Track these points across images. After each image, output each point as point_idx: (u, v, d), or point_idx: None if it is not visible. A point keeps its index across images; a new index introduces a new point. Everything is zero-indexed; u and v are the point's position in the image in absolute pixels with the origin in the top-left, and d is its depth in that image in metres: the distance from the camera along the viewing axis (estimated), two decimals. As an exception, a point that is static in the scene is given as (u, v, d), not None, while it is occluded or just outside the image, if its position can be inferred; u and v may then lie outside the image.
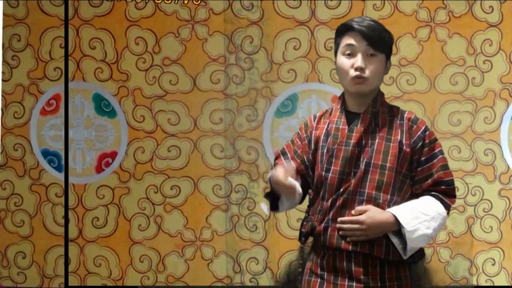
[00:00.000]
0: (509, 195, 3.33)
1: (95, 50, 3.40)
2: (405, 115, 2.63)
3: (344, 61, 2.57)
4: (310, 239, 2.65)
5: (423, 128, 2.60)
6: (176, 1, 3.39)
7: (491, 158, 3.34)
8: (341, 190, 2.54)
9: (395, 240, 2.51)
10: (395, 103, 3.34)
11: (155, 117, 3.40)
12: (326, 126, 2.63)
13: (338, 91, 3.35)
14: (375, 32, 2.55)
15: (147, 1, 3.40)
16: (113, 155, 3.42)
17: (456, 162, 3.34)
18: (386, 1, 3.37)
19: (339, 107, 2.64)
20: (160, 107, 3.40)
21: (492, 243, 3.32)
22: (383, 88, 3.37)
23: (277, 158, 2.71)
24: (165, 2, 3.40)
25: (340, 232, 2.51)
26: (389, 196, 2.52)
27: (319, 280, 2.57)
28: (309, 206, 2.68)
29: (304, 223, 2.65)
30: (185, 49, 3.40)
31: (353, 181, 2.53)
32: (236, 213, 3.36)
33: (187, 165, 3.39)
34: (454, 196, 2.64)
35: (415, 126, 2.59)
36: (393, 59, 3.34)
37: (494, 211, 3.32)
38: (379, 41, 2.56)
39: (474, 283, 3.31)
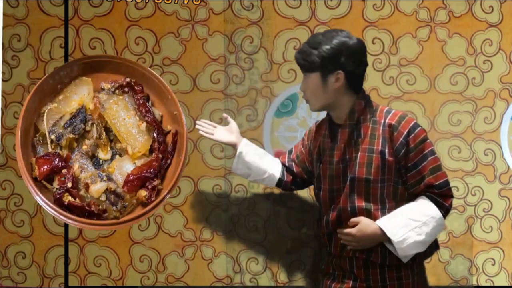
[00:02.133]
0: (509, 195, 3.33)
1: (95, 50, 3.40)
2: (387, 121, 2.59)
3: None
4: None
5: (405, 132, 2.56)
6: (176, 1, 3.39)
7: (491, 158, 3.34)
8: (333, 206, 2.65)
9: (391, 247, 2.56)
10: (395, 103, 3.35)
11: (155, 117, 3.39)
12: (318, 138, 2.76)
13: (338, 91, 3.35)
14: (301, 55, 2.62)
15: (147, 1, 3.40)
16: (113, 155, 3.41)
17: (456, 162, 3.34)
18: (386, 1, 3.37)
19: (327, 119, 2.76)
20: (160, 107, 3.40)
21: (492, 243, 3.32)
22: (383, 88, 3.38)
23: (281, 157, 2.97)
24: (165, 2, 3.39)
25: (341, 241, 2.65)
26: (379, 205, 2.57)
27: (331, 278, 2.74)
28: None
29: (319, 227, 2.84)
30: (185, 49, 3.40)
31: (342, 197, 2.61)
32: (236, 213, 3.36)
33: (187, 165, 3.39)
34: (451, 196, 2.64)
35: (395, 133, 2.56)
36: (393, 59, 3.35)
37: (494, 211, 3.32)
38: (304, 63, 2.62)
39: (474, 283, 3.31)
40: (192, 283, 3.38)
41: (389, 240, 2.55)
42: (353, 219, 2.59)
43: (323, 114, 2.92)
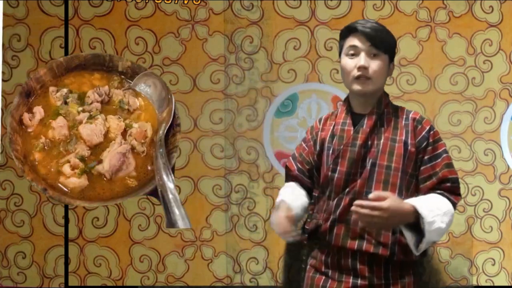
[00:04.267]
0: (509, 195, 3.33)
1: (95, 50, 3.40)
2: (410, 115, 2.65)
3: (347, 61, 2.60)
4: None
5: (428, 128, 2.62)
6: (176, 1, 3.39)
7: (491, 158, 3.34)
8: (347, 190, 2.56)
9: (408, 235, 2.48)
10: (395, 103, 3.34)
11: (155, 117, 3.40)
12: (331, 127, 2.67)
13: (338, 91, 3.35)
14: (378, 33, 2.58)
15: (147, 1, 3.40)
16: (113, 155, 3.41)
17: (456, 162, 3.33)
18: (386, 1, 3.37)
19: (345, 108, 2.68)
20: (160, 107, 3.40)
21: (492, 243, 3.32)
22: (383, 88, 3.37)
23: (288, 164, 2.81)
24: (165, 2, 3.39)
25: (354, 216, 2.43)
26: (397, 195, 2.52)
27: (323, 277, 2.62)
28: (313, 204, 2.71)
29: (308, 220, 2.68)
30: (185, 49, 3.40)
31: (359, 181, 2.55)
32: (236, 213, 3.36)
33: (187, 165, 3.39)
34: (459, 194, 2.64)
35: (420, 126, 2.61)
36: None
37: (494, 211, 3.32)
38: (381, 41, 2.58)
39: (474, 283, 3.31)
40: (192, 283, 3.38)
41: (415, 223, 2.45)
42: (380, 192, 2.42)
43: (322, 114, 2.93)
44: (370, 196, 2.39)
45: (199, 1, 3.39)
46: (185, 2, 3.39)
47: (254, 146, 3.38)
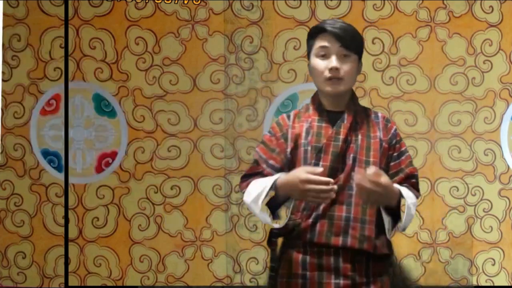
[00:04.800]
0: (509, 195, 3.33)
1: (95, 50, 3.40)
2: (379, 115, 2.69)
3: (318, 62, 2.60)
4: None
5: (394, 126, 2.68)
6: (176, 1, 3.39)
7: (491, 158, 3.34)
8: None
9: (387, 219, 2.53)
10: (395, 103, 3.35)
11: (155, 117, 3.40)
12: (305, 124, 2.63)
13: (338, 91, 3.35)
14: (348, 34, 2.58)
15: (147, 1, 3.40)
16: (113, 155, 3.42)
17: (456, 162, 3.34)
18: (386, 1, 3.37)
19: (316, 106, 2.66)
20: (160, 107, 3.40)
21: (492, 243, 3.32)
22: (383, 88, 3.38)
23: (255, 162, 2.64)
24: (165, 2, 3.39)
25: (355, 190, 2.45)
26: None
27: (300, 280, 2.53)
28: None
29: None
30: (185, 49, 3.40)
31: (342, 175, 2.54)
32: (236, 213, 3.36)
33: (187, 165, 3.39)
34: (419, 190, 2.70)
35: (389, 125, 2.66)
36: (393, 59, 3.35)
37: (494, 211, 3.32)
38: (351, 42, 2.58)
39: (474, 283, 3.31)
40: (192, 283, 3.38)
41: (389, 209, 2.52)
42: (377, 169, 2.45)
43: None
44: (369, 171, 2.42)
45: (199, 1, 3.39)
46: (185, 2, 3.39)
47: (254, 146, 3.37)
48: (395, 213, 2.55)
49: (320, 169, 2.46)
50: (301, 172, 2.44)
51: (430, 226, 3.34)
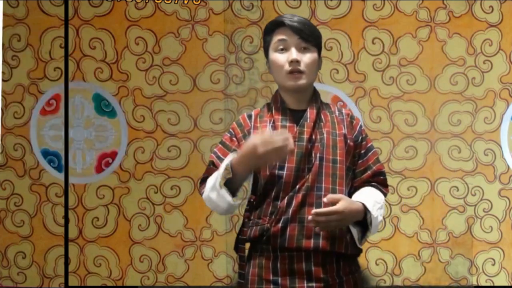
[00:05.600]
0: (509, 195, 3.33)
1: (95, 50, 3.40)
2: (344, 111, 2.63)
3: (277, 56, 2.53)
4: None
5: (360, 123, 2.63)
6: (176, 1, 3.39)
7: (491, 158, 3.34)
8: (298, 186, 2.47)
9: (355, 231, 2.49)
10: (395, 103, 3.35)
11: (155, 117, 3.40)
12: (268, 124, 2.56)
13: (338, 91, 3.35)
14: (306, 26, 2.53)
15: (147, 1, 3.40)
16: (113, 155, 3.42)
17: (456, 162, 3.34)
18: (386, 1, 3.37)
19: (278, 105, 2.58)
20: (160, 107, 3.40)
21: (492, 243, 3.32)
22: (383, 88, 3.38)
23: (211, 164, 2.55)
24: (165, 2, 3.40)
25: (311, 224, 2.40)
26: (343, 188, 2.52)
27: (272, 286, 2.47)
28: (249, 211, 2.55)
29: (245, 229, 2.52)
30: (185, 49, 3.40)
31: (309, 176, 2.47)
32: (236, 213, 3.36)
33: (187, 165, 3.39)
34: (388, 186, 2.67)
35: (354, 122, 2.61)
36: (393, 59, 3.35)
37: (494, 211, 3.32)
38: (310, 34, 2.53)
39: (474, 283, 3.31)
40: (192, 283, 3.38)
41: (363, 219, 2.48)
42: (333, 195, 2.42)
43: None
44: (324, 200, 2.40)
45: (199, 1, 3.39)
46: (185, 2, 3.39)
47: (254, 146, 3.37)
48: (364, 223, 2.49)
49: (267, 131, 2.40)
50: (254, 139, 2.37)
51: (430, 226, 3.34)
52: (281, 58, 2.52)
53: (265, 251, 2.49)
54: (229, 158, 2.45)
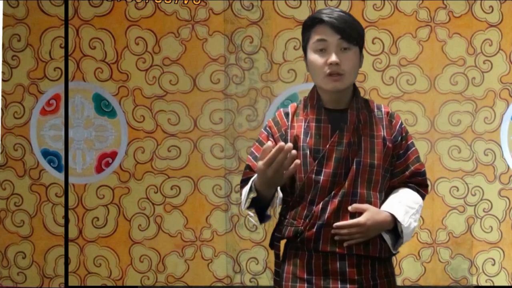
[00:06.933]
0: (509, 195, 3.33)
1: (95, 50, 3.40)
2: (383, 109, 2.52)
3: (316, 58, 2.41)
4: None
5: (400, 121, 2.53)
6: (176, 1, 3.39)
7: (491, 158, 3.34)
8: (334, 192, 2.43)
9: (387, 237, 2.46)
10: (395, 103, 3.35)
11: (155, 117, 3.40)
12: (303, 124, 2.49)
13: (338, 91, 3.35)
14: (347, 24, 2.39)
15: (147, 1, 3.40)
16: (113, 155, 3.42)
17: (456, 162, 3.34)
18: (386, 1, 3.37)
19: (315, 103, 2.49)
20: (160, 107, 3.40)
21: (492, 243, 3.32)
22: (383, 88, 3.38)
23: (248, 168, 2.48)
24: (165, 2, 3.39)
25: (336, 237, 2.39)
26: (378, 194, 2.49)
27: (306, 285, 2.44)
28: (285, 210, 2.50)
29: (280, 227, 2.48)
30: (185, 49, 3.40)
31: (346, 182, 2.42)
32: (236, 213, 3.36)
33: (187, 165, 3.39)
34: (427, 186, 2.62)
35: (393, 121, 2.51)
36: (393, 59, 3.35)
37: (494, 211, 3.32)
38: (352, 33, 2.40)
39: (474, 283, 3.31)
40: (192, 283, 3.38)
41: (394, 228, 2.49)
42: (358, 205, 2.38)
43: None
44: (349, 208, 2.37)
45: (199, 1, 3.39)
46: (185, 2, 3.39)
47: (254, 146, 3.38)
48: (396, 230, 2.44)
49: (269, 144, 2.27)
50: (259, 165, 2.28)
51: (430, 226, 3.34)
52: (319, 60, 2.41)
53: (300, 249, 2.46)
54: (252, 179, 2.41)
